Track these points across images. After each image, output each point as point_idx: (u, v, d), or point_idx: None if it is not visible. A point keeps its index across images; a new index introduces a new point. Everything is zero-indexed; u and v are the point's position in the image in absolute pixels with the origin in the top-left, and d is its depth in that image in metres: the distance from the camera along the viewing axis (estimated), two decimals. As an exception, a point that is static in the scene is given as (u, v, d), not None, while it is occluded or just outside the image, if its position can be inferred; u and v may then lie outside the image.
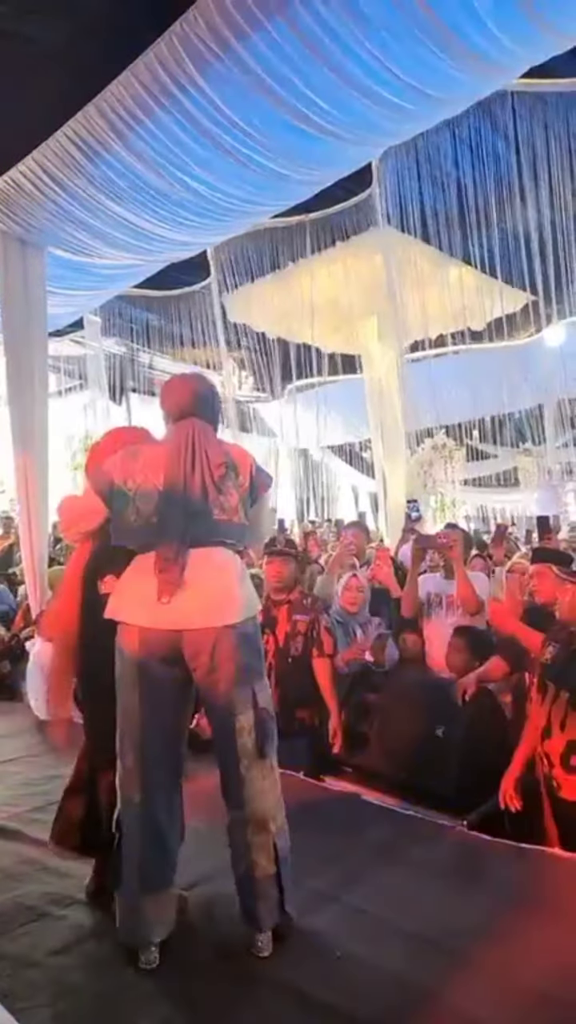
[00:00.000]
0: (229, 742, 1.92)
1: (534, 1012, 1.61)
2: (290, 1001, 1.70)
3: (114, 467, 2.01)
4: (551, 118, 6.29)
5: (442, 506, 11.90)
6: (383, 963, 1.81)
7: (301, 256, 9.08)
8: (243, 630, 1.95)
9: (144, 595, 1.89)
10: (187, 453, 1.96)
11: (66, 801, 2.24)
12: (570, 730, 2.33)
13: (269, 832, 1.91)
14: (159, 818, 1.90)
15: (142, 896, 1.86)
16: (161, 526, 1.91)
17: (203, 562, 1.92)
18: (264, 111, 4.03)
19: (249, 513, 2.06)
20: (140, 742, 1.90)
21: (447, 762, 2.80)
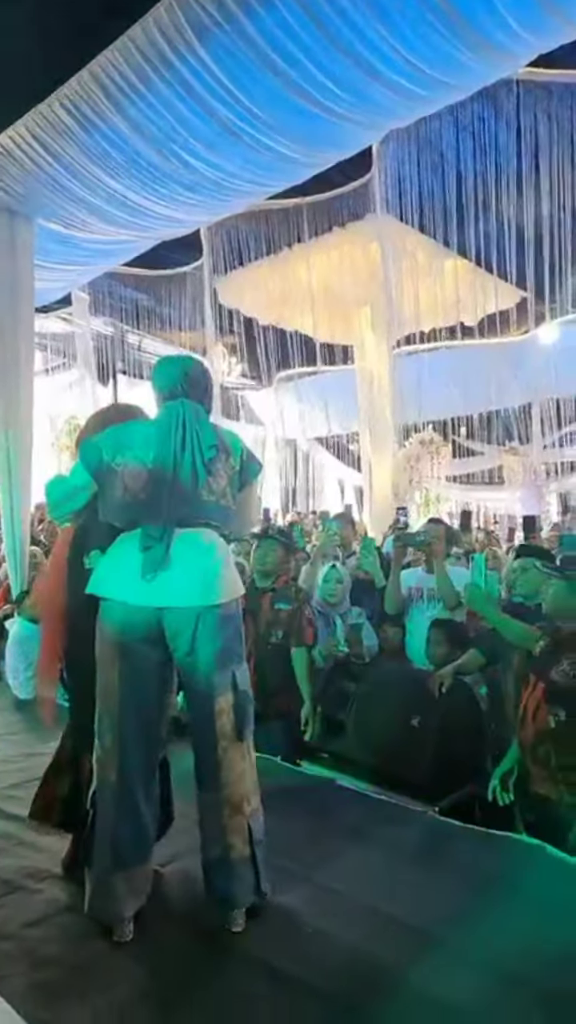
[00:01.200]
0: (207, 724, 1.92)
1: (495, 989, 1.66)
2: (261, 975, 1.73)
3: (104, 442, 2.00)
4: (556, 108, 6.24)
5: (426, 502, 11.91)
6: (353, 940, 1.85)
7: (296, 241, 8.97)
8: (226, 611, 1.95)
9: (127, 572, 1.88)
10: (178, 432, 1.95)
11: (49, 778, 2.24)
12: (539, 720, 2.38)
13: (244, 814, 1.92)
14: (136, 797, 1.90)
15: (114, 873, 1.86)
16: (148, 504, 1.90)
17: (188, 542, 1.91)
18: (267, 87, 3.95)
19: (237, 498, 2.05)
20: (119, 721, 1.89)
21: (422, 751, 2.84)
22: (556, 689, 2.35)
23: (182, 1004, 1.63)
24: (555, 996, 1.62)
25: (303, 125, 4.20)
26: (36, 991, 1.67)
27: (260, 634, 3.32)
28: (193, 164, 4.61)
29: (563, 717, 2.32)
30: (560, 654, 2.40)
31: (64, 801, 2.17)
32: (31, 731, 3.41)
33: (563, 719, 2.32)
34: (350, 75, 3.73)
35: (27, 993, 1.65)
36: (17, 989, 1.66)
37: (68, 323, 11.36)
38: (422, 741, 2.88)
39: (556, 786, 2.32)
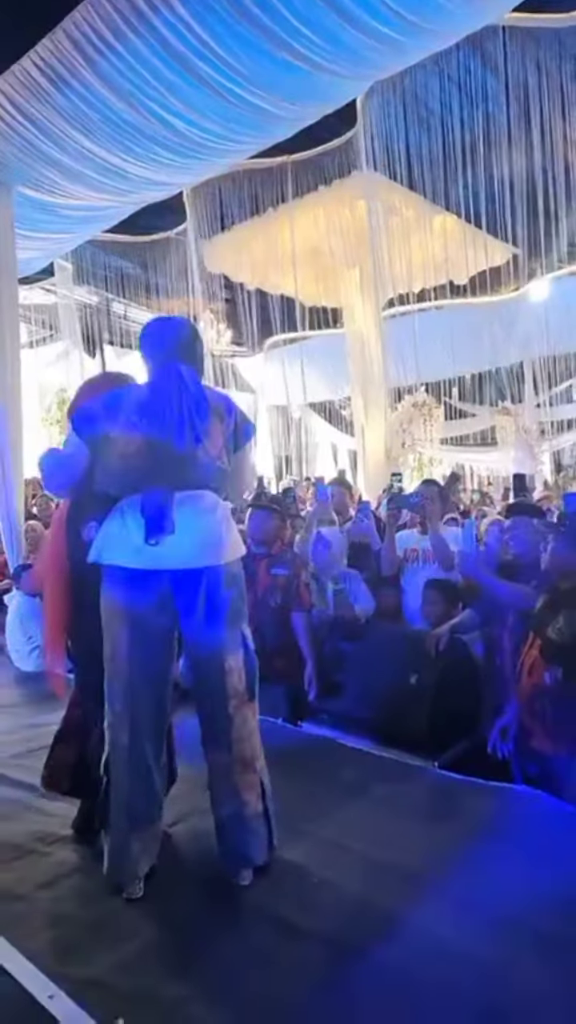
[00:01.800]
0: (217, 683, 1.93)
1: (495, 932, 1.71)
2: (269, 925, 1.78)
3: (97, 411, 1.98)
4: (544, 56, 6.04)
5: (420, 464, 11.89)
6: (357, 890, 1.90)
7: (282, 201, 8.75)
8: (231, 571, 1.96)
9: (130, 538, 1.88)
10: (173, 396, 1.92)
11: (57, 746, 2.27)
12: (535, 676, 2.41)
13: (256, 771, 1.96)
14: (147, 759, 1.94)
15: (130, 834, 1.90)
16: (147, 469, 1.89)
17: (190, 505, 1.91)
18: (244, 39, 3.83)
19: (232, 460, 2.04)
20: (128, 686, 1.91)
21: (420, 708, 2.87)
22: (552, 646, 2.37)
23: (193, 956, 1.68)
24: (552, 938, 1.68)
25: (282, 77, 4.09)
26: (52, 948, 1.72)
27: (258, 599, 3.34)
28: (171, 122, 4.49)
29: (559, 675, 2.34)
30: (557, 612, 2.41)
31: (73, 768, 2.21)
32: (33, 703, 3.45)
33: (559, 676, 2.34)
34: (328, 22, 3.61)
35: (43, 950, 1.70)
36: (33, 947, 1.71)
37: (52, 294, 11.14)
38: (420, 698, 2.92)
39: (553, 741, 2.36)
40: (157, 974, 1.63)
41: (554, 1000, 1.50)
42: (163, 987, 1.58)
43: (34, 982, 1.58)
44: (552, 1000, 1.50)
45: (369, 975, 1.60)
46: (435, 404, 12.36)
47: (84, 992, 1.55)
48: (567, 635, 2.34)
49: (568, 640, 2.33)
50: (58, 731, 2.30)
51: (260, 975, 1.61)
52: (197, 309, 11.14)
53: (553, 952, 1.64)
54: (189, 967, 1.65)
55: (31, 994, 1.55)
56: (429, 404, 12.10)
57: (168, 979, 1.61)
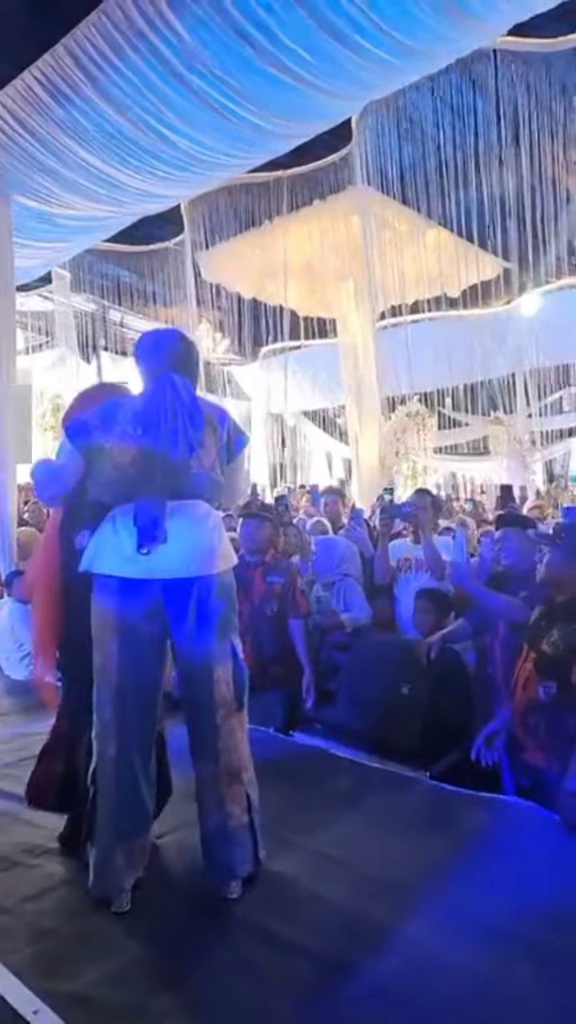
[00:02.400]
0: (205, 693, 1.93)
1: (486, 944, 1.70)
2: (258, 939, 1.76)
3: (92, 420, 1.98)
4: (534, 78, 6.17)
5: (413, 473, 11.96)
6: (347, 903, 1.88)
7: (277, 214, 8.84)
8: (223, 580, 1.97)
9: (122, 547, 1.88)
10: (166, 406, 1.93)
11: (44, 760, 2.24)
12: (529, 690, 2.38)
13: (242, 783, 1.94)
14: (135, 770, 1.92)
15: (116, 846, 1.89)
16: (140, 478, 1.89)
17: (182, 515, 1.91)
18: (241, 57, 3.91)
19: (225, 471, 2.05)
20: (117, 696, 1.90)
21: (412, 718, 2.87)
22: (546, 660, 2.34)
23: (181, 969, 1.66)
24: (544, 950, 1.67)
25: (277, 96, 4.16)
26: (37, 962, 1.69)
27: (254, 607, 3.36)
28: (168, 136, 4.57)
29: (553, 689, 2.31)
30: (552, 625, 2.38)
31: (60, 781, 2.18)
32: (23, 712, 3.40)
33: (553, 691, 2.31)
34: (320, 42, 3.69)
35: (28, 964, 1.67)
36: (18, 961, 1.68)
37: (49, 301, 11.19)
38: (413, 708, 2.91)
39: (546, 754, 2.34)
40: (144, 988, 1.60)
41: (547, 1012, 1.49)
42: (150, 1001, 1.56)
43: (18, 997, 1.55)
44: (545, 1012, 1.49)
45: (359, 988, 1.58)
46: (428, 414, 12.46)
47: (70, 1007, 1.52)
48: (562, 648, 2.31)
49: (563, 653, 2.30)
50: (45, 744, 2.25)
51: (248, 988, 1.59)
52: (193, 318, 11.21)
53: (545, 964, 1.62)
54: (177, 981, 1.63)
55: (15, 1009, 1.52)
56: (422, 414, 12.20)
57: (155, 993, 1.58)
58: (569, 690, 2.28)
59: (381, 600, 3.84)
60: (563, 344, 10.21)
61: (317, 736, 3.17)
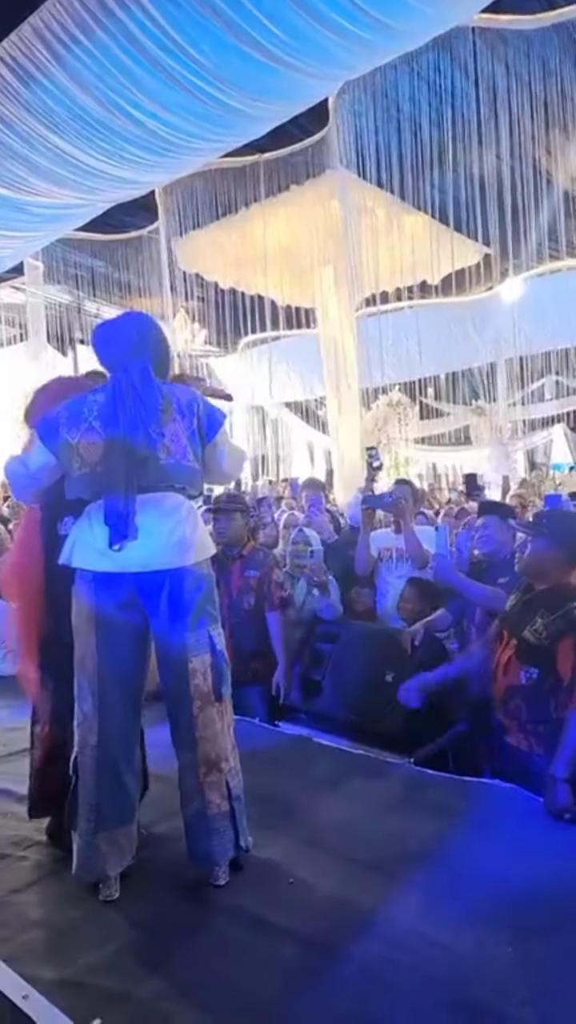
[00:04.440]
0: (182, 684, 1.94)
1: (470, 925, 1.72)
2: (245, 925, 1.77)
3: (60, 418, 1.98)
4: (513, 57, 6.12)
5: (396, 464, 11.97)
6: (333, 888, 1.90)
7: (254, 200, 8.73)
8: (196, 572, 1.96)
9: (96, 542, 1.90)
10: (124, 398, 1.92)
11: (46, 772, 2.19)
12: (510, 676, 2.41)
13: (222, 771, 1.95)
14: (116, 760, 1.93)
15: (96, 834, 1.89)
16: (106, 475, 1.90)
17: (152, 507, 1.91)
18: (213, 35, 3.81)
19: (203, 454, 2.03)
20: (97, 686, 1.92)
21: (396, 705, 2.86)
22: (528, 647, 2.37)
23: (169, 955, 1.68)
24: (528, 930, 1.69)
25: (251, 76, 4.07)
26: (27, 950, 1.70)
27: (232, 601, 3.33)
28: (139, 119, 4.46)
29: (535, 675, 2.34)
30: (533, 613, 2.40)
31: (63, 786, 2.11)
32: (7, 707, 3.33)
33: (535, 677, 2.34)
34: (295, 19, 3.61)
35: (18, 952, 1.68)
36: (8, 950, 1.69)
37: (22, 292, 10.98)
38: (396, 696, 2.90)
39: (527, 737, 2.38)
40: (134, 974, 1.62)
41: (531, 991, 1.51)
42: (140, 987, 1.57)
43: (8, 983, 1.56)
44: (529, 991, 1.51)
45: (345, 971, 1.60)
46: (410, 404, 12.47)
47: (60, 992, 1.53)
48: (544, 637, 2.34)
49: (546, 642, 2.33)
50: (41, 758, 2.21)
51: (237, 973, 1.61)
52: (169, 308, 11.06)
53: (529, 944, 1.65)
54: (166, 966, 1.64)
55: (5, 995, 1.53)
56: (404, 404, 12.20)
57: (145, 979, 1.60)
58: (551, 676, 2.31)
59: (361, 590, 3.81)
60: (545, 331, 10.23)
61: (302, 725, 3.17)
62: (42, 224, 6.37)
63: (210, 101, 4.31)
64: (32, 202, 5.67)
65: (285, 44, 3.88)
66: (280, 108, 4.72)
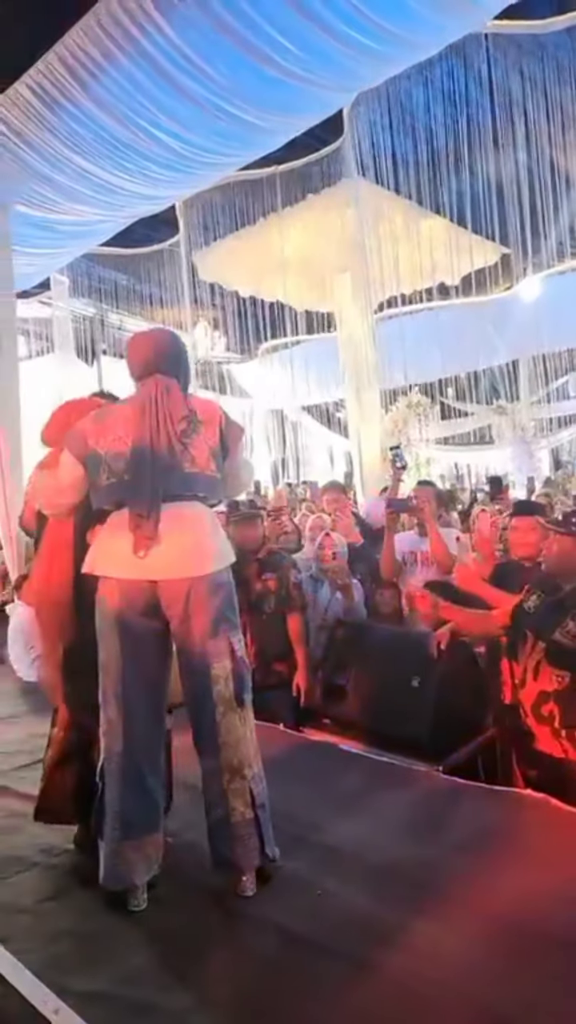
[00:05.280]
0: (204, 690, 1.96)
1: (501, 938, 1.70)
2: (273, 936, 1.77)
3: (87, 430, 2.03)
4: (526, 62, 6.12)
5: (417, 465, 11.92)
6: (361, 900, 1.87)
7: (272, 210, 8.82)
8: (217, 580, 1.99)
9: (120, 550, 1.94)
10: (150, 410, 1.97)
11: (55, 775, 2.23)
12: (542, 680, 2.34)
13: (245, 778, 1.95)
14: (141, 767, 1.95)
15: (123, 842, 1.91)
16: (132, 484, 1.95)
17: (175, 516, 1.96)
18: (229, 54, 3.90)
19: (223, 466, 2.08)
20: (121, 693, 1.94)
21: (423, 711, 2.85)
22: (560, 649, 2.30)
23: (197, 967, 1.67)
24: (561, 943, 1.65)
25: (268, 92, 4.16)
26: (56, 961, 1.71)
27: (252, 604, 3.35)
28: (161, 138, 4.57)
29: (568, 678, 2.27)
30: (564, 614, 2.32)
31: (76, 792, 2.18)
32: (36, 713, 3.38)
33: (568, 680, 2.27)
34: (308, 35, 3.68)
35: (48, 963, 1.70)
36: (37, 960, 1.70)
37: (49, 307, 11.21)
38: (423, 701, 2.90)
39: (560, 743, 2.30)
40: (161, 986, 1.61)
41: (560, 1006, 1.48)
42: (167, 999, 1.57)
43: (38, 996, 1.58)
44: (558, 1006, 1.48)
45: (374, 984, 1.58)
46: (430, 404, 12.42)
47: (88, 1005, 1.53)
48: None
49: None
50: (52, 760, 2.24)
51: (264, 985, 1.60)
52: (189, 318, 11.20)
53: (562, 958, 1.61)
54: (192, 978, 1.64)
55: (36, 1008, 1.55)
56: (424, 404, 12.16)
57: (172, 990, 1.60)
58: None
59: (384, 591, 3.84)
60: (566, 328, 10.14)
61: (327, 731, 3.16)
62: (68, 241, 6.53)
63: (227, 118, 4.41)
64: (57, 220, 5.83)
65: (298, 59, 3.95)
66: (296, 121, 4.80)
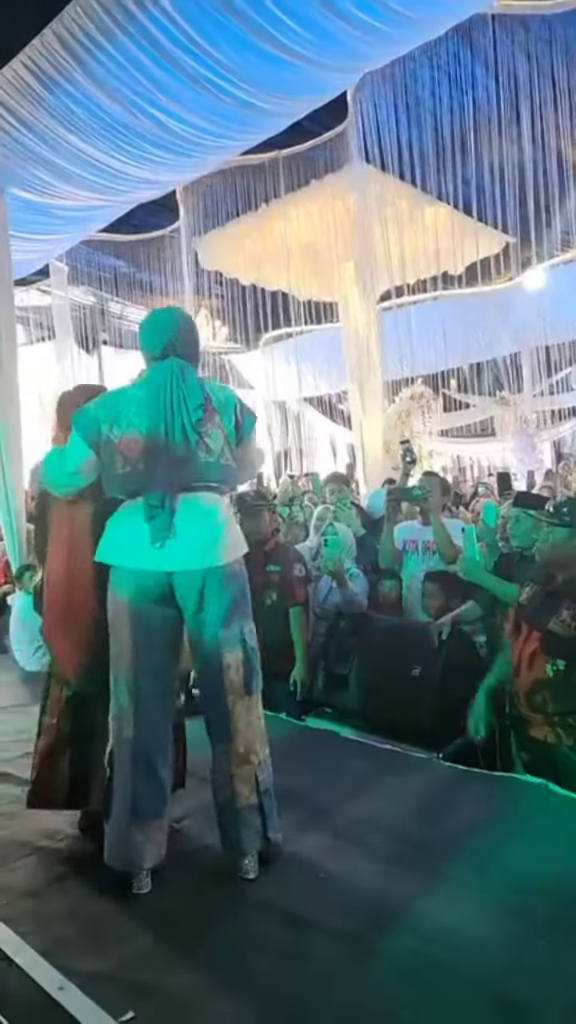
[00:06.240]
0: (216, 678, 1.98)
1: (503, 922, 1.72)
2: (276, 918, 1.80)
3: (101, 413, 1.99)
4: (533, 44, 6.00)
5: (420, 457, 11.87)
6: (363, 883, 1.92)
7: (274, 196, 8.73)
8: (231, 571, 2.01)
9: (135, 539, 1.93)
10: (166, 395, 1.93)
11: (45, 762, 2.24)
12: (536, 670, 2.38)
13: (251, 764, 1.99)
14: (151, 753, 1.97)
15: (132, 825, 1.93)
16: (147, 473, 1.92)
17: (191, 506, 1.95)
18: (231, 33, 3.83)
19: (237, 453, 2.06)
20: (133, 680, 1.96)
21: (423, 700, 2.88)
22: (555, 639, 2.34)
23: (201, 949, 1.70)
24: (562, 923, 1.69)
25: (270, 72, 4.09)
26: (62, 942, 1.74)
27: (255, 596, 3.33)
28: (161, 120, 4.50)
29: (562, 667, 2.31)
30: (558, 604, 2.36)
31: (69, 781, 2.20)
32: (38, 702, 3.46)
33: (562, 668, 2.31)
34: (312, 13, 3.62)
35: (53, 944, 1.73)
36: (43, 941, 1.74)
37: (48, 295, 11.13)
38: (423, 690, 2.93)
39: (554, 729, 2.35)
40: (166, 967, 1.65)
41: (564, 985, 1.50)
42: (172, 979, 1.60)
43: (44, 975, 1.61)
44: (562, 985, 1.50)
45: (377, 966, 1.60)
46: (433, 396, 12.36)
47: (94, 985, 1.57)
48: (574, 628, 2.30)
49: (574, 633, 2.30)
50: (43, 748, 2.25)
51: (269, 967, 1.63)
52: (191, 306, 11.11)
53: (564, 937, 1.64)
54: (198, 960, 1.66)
55: (42, 987, 1.57)
56: (427, 396, 12.10)
57: (177, 971, 1.63)
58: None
59: (387, 582, 3.81)
60: (569, 320, 10.06)
61: (329, 720, 3.18)
62: (66, 226, 6.46)
63: (230, 99, 4.33)
64: (55, 205, 5.76)
65: (303, 39, 3.88)
66: (300, 103, 4.72)
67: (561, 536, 2.48)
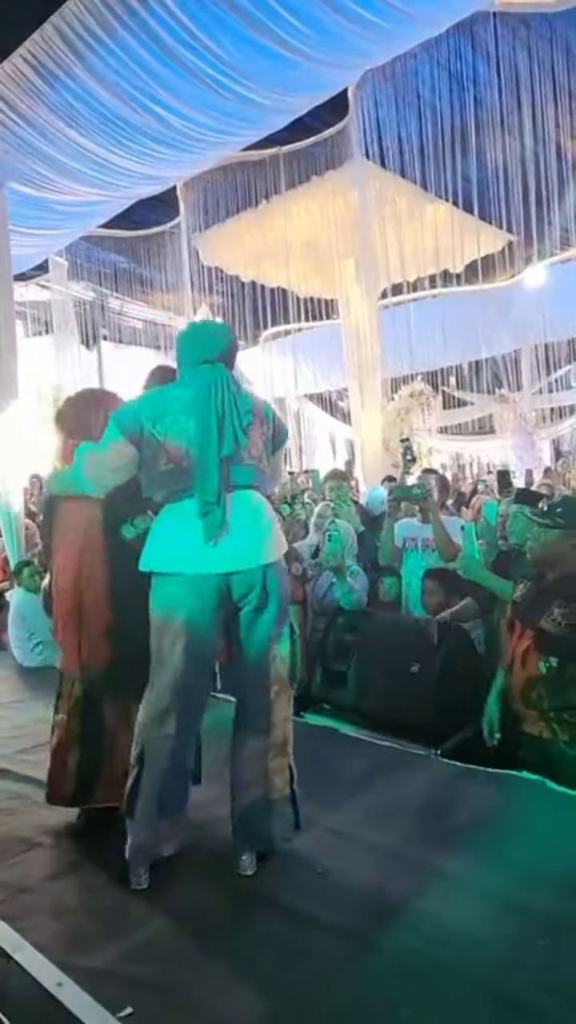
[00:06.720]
0: (263, 669, 2.01)
1: (501, 918, 1.72)
2: (275, 914, 1.80)
3: (144, 410, 1.99)
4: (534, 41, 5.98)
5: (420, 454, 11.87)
6: (362, 878, 1.92)
7: (275, 193, 8.71)
8: (283, 566, 2.07)
9: (187, 543, 1.91)
10: (217, 398, 1.96)
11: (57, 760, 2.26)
12: (530, 667, 2.40)
13: (288, 755, 2.04)
14: (187, 752, 2.02)
15: (158, 821, 1.96)
16: (199, 469, 1.93)
17: (240, 505, 1.97)
18: (232, 29, 3.82)
19: (270, 461, 2.11)
20: (181, 683, 1.94)
21: (422, 697, 2.88)
22: (547, 637, 2.36)
23: (200, 945, 1.70)
24: (560, 920, 1.69)
25: (271, 68, 4.08)
26: (60, 938, 1.74)
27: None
28: (161, 115, 4.49)
29: (555, 664, 2.34)
30: (549, 602, 2.39)
31: (75, 778, 2.22)
32: (37, 698, 3.46)
33: (555, 665, 2.34)
34: (313, 9, 3.62)
35: (52, 940, 1.73)
36: (42, 937, 1.73)
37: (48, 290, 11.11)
38: (422, 687, 2.92)
39: (548, 725, 2.38)
40: (165, 963, 1.64)
41: (563, 981, 1.50)
42: (171, 975, 1.60)
43: (42, 971, 1.61)
44: (561, 981, 1.51)
45: (377, 962, 1.61)
46: (432, 393, 12.36)
47: (93, 980, 1.57)
48: (565, 626, 2.32)
49: (567, 630, 2.32)
50: (57, 745, 2.27)
51: (268, 962, 1.63)
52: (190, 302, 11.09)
53: (562, 934, 1.65)
54: (197, 955, 1.66)
55: (40, 983, 1.57)
56: (426, 393, 12.10)
57: (176, 967, 1.62)
58: (572, 664, 2.30)
59: (387, 580, 3.82)
60: (569, 318, 10.05)
61: (327, 717, 3.18)
62: (66, 221, 6.44)
63: (229, 94, 4.32)
64: (55, 200, 5.75)
65: (304, 35, 3.87)
66: (301, 99, 4.71)
67: (552, 535, 2.51)
